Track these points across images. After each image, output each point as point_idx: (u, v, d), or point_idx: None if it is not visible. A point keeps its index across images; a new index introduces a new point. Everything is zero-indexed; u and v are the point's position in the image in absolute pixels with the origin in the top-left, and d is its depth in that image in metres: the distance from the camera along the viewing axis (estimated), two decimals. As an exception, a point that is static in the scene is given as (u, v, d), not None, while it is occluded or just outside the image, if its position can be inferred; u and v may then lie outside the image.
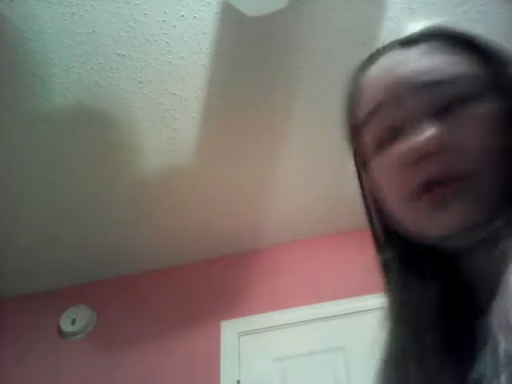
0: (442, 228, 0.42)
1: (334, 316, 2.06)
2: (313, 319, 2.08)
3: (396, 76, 0.46)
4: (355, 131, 0.51)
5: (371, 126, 0.47)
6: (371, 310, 2.04)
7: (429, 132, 0.42)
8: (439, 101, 0.43)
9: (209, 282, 2.35)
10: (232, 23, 1.54)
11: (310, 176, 2.08)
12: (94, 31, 1.51)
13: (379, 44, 0.51)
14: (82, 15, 1.47)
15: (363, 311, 2.02)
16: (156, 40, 1.55)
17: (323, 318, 2.07)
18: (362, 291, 2.04)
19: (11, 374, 2.19)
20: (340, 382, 1.90)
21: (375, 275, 0.51)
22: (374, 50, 0.51)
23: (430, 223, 0.43)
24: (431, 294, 0.46)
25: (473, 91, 0.43)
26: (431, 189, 0.41)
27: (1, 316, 2.43)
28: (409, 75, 0.45)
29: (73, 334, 2.27)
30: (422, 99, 0.44)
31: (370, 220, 0.52)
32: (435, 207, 0.41)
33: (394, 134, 0.45)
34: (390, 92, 0.46)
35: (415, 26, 0.49)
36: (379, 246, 0.51)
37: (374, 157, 0.48)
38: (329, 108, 1.81)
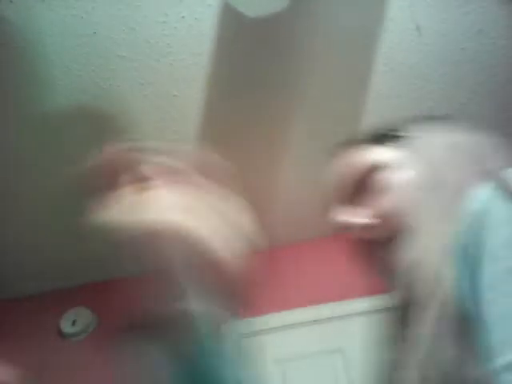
0: None
1: (334, 318, 2.06)
2: (313, 321, 2.07)
3: None
4: None
5: None
6: (371, 311, 2.03)
7: None
8: None
9: (209, 283, 2.35)
10: (233, 24, 1.54)
11: (310, 178, 2.08)
12: (94, 33, 1.51)
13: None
14: (82, 17, 1.47)
15: (363, 313, 2.02)
16: (157, 42, 1.55)
17: (323, 319, 2.06)
18: (363, 293, 2.04)
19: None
20: (340, 383, 1.90)
21: (375, 277, 0.52)
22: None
23: None
24: None
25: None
26: None
27: (1, 317, 2.43)
28: None
29: (73, 335, 2.27)
30: None
31: None
32: None
33: None
34: None
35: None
36: None
37: None
38: (330, 109, 1.81)
